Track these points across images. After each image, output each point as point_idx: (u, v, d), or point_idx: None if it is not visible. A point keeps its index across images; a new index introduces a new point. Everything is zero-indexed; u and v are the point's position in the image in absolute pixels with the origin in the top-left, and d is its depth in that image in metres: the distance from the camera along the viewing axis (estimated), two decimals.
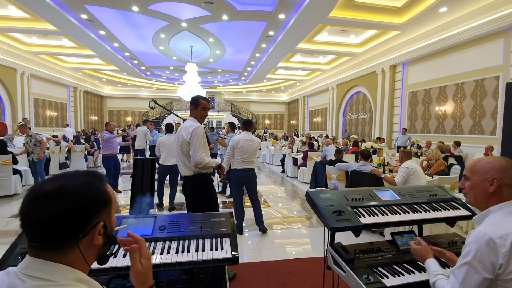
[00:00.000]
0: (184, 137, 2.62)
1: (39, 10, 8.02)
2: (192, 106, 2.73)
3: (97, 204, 0.72)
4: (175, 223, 1.65)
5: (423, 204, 1.94)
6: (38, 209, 0.65)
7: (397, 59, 10.94)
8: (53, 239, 0.66)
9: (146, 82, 20.55)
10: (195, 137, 2.55)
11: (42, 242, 0.66)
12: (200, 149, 2.54)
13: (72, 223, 0.67)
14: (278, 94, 26.00)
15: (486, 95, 7.97)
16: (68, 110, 17.97)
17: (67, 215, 0.66)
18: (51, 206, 0.65)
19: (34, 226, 0.66)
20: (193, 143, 2.55)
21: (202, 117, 2.74)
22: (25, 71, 13.22)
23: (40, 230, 0.66)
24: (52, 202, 0.66)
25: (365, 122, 14.11)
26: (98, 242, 0.73)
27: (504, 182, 1.18)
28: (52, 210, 0.65)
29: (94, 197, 0.72)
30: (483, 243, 1.07)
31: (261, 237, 4.00)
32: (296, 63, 14.35)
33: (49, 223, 0.65)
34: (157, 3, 7.72)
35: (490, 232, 1.08)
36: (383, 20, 8.47)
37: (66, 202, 0.67)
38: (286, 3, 7.42)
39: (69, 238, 0.68)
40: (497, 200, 1.19)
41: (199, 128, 2.58)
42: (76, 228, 0.68)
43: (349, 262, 1.50)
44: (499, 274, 1.06)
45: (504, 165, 1.20)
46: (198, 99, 2.74)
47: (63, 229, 0.66)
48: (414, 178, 3.85)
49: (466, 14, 7.79)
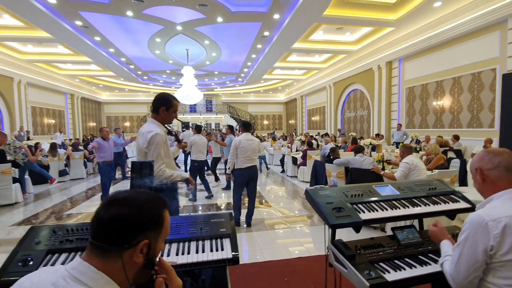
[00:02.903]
0: (140, 144, 2.20)
1: (33, 18, 8.02)
2: (164, 108, 2.25)
3: (149, 222, 0.79)
4: (174, 225, 1.64)
5: (423, 198, 1.94)
6: (105, 210, 0.77)
7: (393, 55, 10.96)
8: (106, 240, 0.74)
9: (143, 87, 20.56)
10: (153, 146, 2.13)
11: (97, 240, 0.75)
12: (158, 161, 2.14)
13: (123, 229, 0.75)
14: (275, 94, 26.01)
15: (483, 88, 7.98)
16: (66, 117, 17.96)
17: (122, 221, 0.75)
18: (114, 209, 0.76)
19: (97, 223, 0.77)
20: (150, 153, 2.14)
21: (171, 120, 2.35)
22: (21, 79, 13.21)
23: (100, 228, 0.76)
24: (116, 206, 0.77)
25: (364, 119, 14.12)
26: (138, 260, 0.77)
27: (486, 168, 1.27)
28: (114, 213, 0.76)
29: (149, 215, 0.79)
30: (477, 224, 1.13)
31: (263, 237, 4.00)
32: (293, 63, 14.36)
33: (107, 223, 0.75)
34: (152, 7, 7.72)
35: (485, 214, 1.14)
36: (377, 16, 8.48)
37: (126, 210, 0.77)
38: (280, 3, 7.44)
39: (116, 244, 0.75)
40: (492, 186, 1.26)
41: (158, 135, 2.15)
42: (125, 236, 0.75)
43: (350, 258, 1.49)
44: (492, 255, 1.10)
45: (480, 155, 1.33)
46: (171, 99, 2.28)
47: (115, 232, 0.75)
48: (415, 173, 3.83)
49: (460, 7, 7.81)
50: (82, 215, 5.33)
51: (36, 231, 1.55)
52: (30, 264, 1.35)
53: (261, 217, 4.88)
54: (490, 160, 1.27)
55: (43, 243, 1.47)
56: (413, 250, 1.64)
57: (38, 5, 7.25)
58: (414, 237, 1.73)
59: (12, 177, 6.09)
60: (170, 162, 2.31)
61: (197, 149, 6.12)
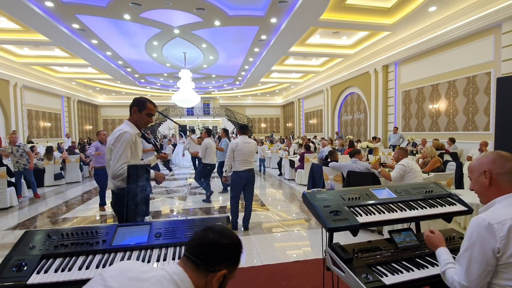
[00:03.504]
0: (108, 143, 2.16)
1: (30, 21, 7.99)
2: (136, 108, 2.23)
3: (233, 258, 0.95)
4: (171, 229, 1.63)
5: (420, 201, 1.95)
6: (205, 233, 0.94)
7: (389, 59, 11.05)
8: (199, 257, 0.89)
9: (140, 90, 20.50)
10: (119, 142, 2.07)
11: (192, 254, 0.90)
12: (122, 158, 2.05)
13: (215, 254, 0.91)
14: (273, 97, 26.08)
15: (478, 91, 8.07)
16: (62, 120, 17.85)
17: (217, 247, 0.92)
18: (213, 235, 0.93)
19: (195, 241, 0.94)
20: (115, 150, 2.07)
21: (145, 123, 2.29)
22: (17, 82, 13.13)
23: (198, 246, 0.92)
24: (215, 234, 0.94)
25: (360, 123, 14.19)
26: (214, 285, 0.90)
27: (495, 172, 1.24)
28: (212, 238, 0.92)
29: (235, 252, 0.96)
30: (482, 228, 1.11)
31: (261, 241, 3.98)
32: (290, 66, 14.42)
33: (205, 244, 0.92)
34: (149, 11, 7.74)
35: (489, 217, 1.13)
36: (373, 21, 8.57)
37: (223, 239, 0.93)
38: (277, 7, 7.49)
39: (206, 264, 0.89)
40: (496, 191, 1.24)
41: (126, 133, 2.10)
42: (214, 260, 0.90)
43: (348, 262, 1.49)
44: (498, 258, 1.09)
45: (491, 157, 1.28)
46: (145, 101, 2.26)
47: (208, 254, 0.91)
48: (411, 175, 3.87)
49: (455, 12, 7.91)
50: (77, 219, 5.28)
51: (30, 236, 1.53)
52: (24, 269, 1.33)
53: (259, 221, 4.87)
54: (502, 164, 1.23)
55: (38, 248, 1.46)
56: (410, 253, 1.64)
57: (35, 8, 7.24)
58: (411, 240, 1.73)
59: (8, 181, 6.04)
60: (135, 162, 2.19)
61: (211, 153, 6.12)
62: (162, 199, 6.61)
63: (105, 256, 1.46)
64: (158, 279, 0.83)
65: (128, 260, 0.94)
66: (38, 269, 1.36)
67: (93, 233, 1.57)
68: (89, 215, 5.48)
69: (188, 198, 6.70)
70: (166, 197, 6.84)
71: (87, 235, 1.55)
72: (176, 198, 6.76)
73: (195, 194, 7.06)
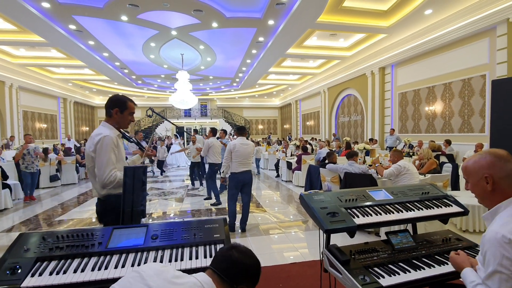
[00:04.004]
0: (87, 149, 1.99)
1: (26, 22, 7.94)
2: (117, 109, 2.05)
3: (253, 278, 1.05)
4: (167, 231, 1.62)
5: (416, 202, 1.95)
6: (231, 251, 1.06)
7: (386, 61, 11.13)
8: (224, 272, 1.00)
9: (138, 91, 20.44)
10: (101, 150, 1.90)
11: (218, 269, 1.00)
12: (108, 165, 1.91)
13: (239, 272, 1.02)
14: (270, 99, 26.12)
15: (473, 93, 8.14)
16: (58, 121, 17.72)
17: (242, 265, 1.03)
18: (238, 254, 1.05)
19: (222, 257, 1.05)
20: (98, 159, 1.91)
21: (128, 123, 2.16)
22: (13, 83, 13.03)
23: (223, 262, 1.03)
24: (240, 253, 1.06)
25: (357, 124, 14.25)
26: None
27: (497, 177, 1.16)
28: (238, 257, 1.04)
29: (257, 273, 1.07)
30: (505, 245, 1.03)
31: (258, 242, 3.97)
32: (287, 68, 14.47)
33: (231, 261, 1.02)
34: (146, 12, 7.73)
35: (505, 231, 1.04)
36: (370, 23, 8.63)
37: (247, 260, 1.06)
38: (274, 9, 7.51)
39: (230, 280, 0.99)
40: (501, 195, 1.16)
41: (107, 138, 1.93)
42: (237, 277, 1.01)
43: (345, 264, 1.49)
44: None
45: (490, 160, 1.19)
46: (126, 101, 2.10)
47: (233, 271, 1.01)
48: (407, 177, 3.89)
49: (450, 15, 7.99)
50: (73, 221, 5.23)
51: (25, 238, 1.52)
52: (18, 272, 1.31)
53: (256, 222, 4.86)
54: (503, 167, 1.16)
55: (32, 251, 1.44)
56: (407, 254, 1.64)
57: (32, 9, 7.20)
58: (408, 242, 1.74)
59: (3, 182, 5.97)
60: (121, 164, 2.08)
61: (215, 152, 6.07)
62: (159, 201, 6.58)
63: (100, 259, 1.45)
64: (191, 286, 0.91)
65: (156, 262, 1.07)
66: (32, 272, 1.34)
67: (89, 235, 1.55)
68: (85, 217, 5.44)
69: (185, 200, 6.68)
70: (163, 198, 6.81)
71: (82, 237, 1.54)
72: (173, 199, 6.73)
73: (192, 196, 7.04)
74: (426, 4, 7.31)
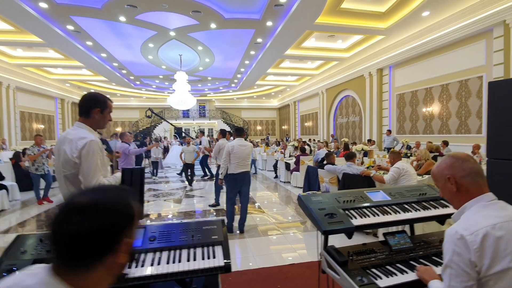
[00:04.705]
0: (67, 154, 1.76)
1: (24, 22, 7.92)
2: (98, 109, 1.87)
3: (127, 220, 0.69)
4: (165, 233, 1.62)
5: (413, 203, 1.96)
6: (72, 223, 0.63)
7: (384, 63, 11.18)
8: (82, 257, 0.63)
9: (136, 92, 20.41)
10: (88, 156, 1.74)
11: (70, 259, 0.64)
12: (96, 172, 1.78)
13: (103, 239, 0.65)
14: (268, 100, 26.15)
15: (470, 95, 8.19)
16: (56, 122, 17.66)
17: (101, 231, 0.64)
18: (87, 220, 0.63)
19: (65, 242, 0.63)
20: (85, 165, 1.75)
21: (106, 123, 2.02)
22: (10, 84, 12.98)
23: (71, 246, 0.63)
24: (88, 216, 0.64)
25: (355, 125, 14.29)
26: (123, 260, 0.69)
27: (458, 176, 1.20)
28: (87, 225, 0.63)
29: (125, 213, 0.69)
30: (456, 241, 1.06)
31: (256, 243, 3.97)
32: (285, 69, 14.50)
33: (82, 239, 0.62)
34: (145, 13, 7.72)
35: (461, 229, 1.07)
36: (368, 25, 8.67)
37: (102, 217, 0.65)
38: (273, 11, 7.53)
39: (98, 256, 0.65)
40: (466, 195, 1.20)
41: (93, 143, 1.78)
42: (106, 245, 0.65)
43: (343, 265, 1.49)
44: (478, 271, 1.03)
45: (449, 161, 1.24)
46: (105, 99, 1.93)
47: (94, 246, 0.64)
48: (406, 178, 3.90)
49: (447, 17, 8.04)
50: None
51: (22, 240, 1.51)
52: None
53: (254, 223, 4.85)
54: (461, 166, 1.20)
55: (29, 252, 1.43)
56: (405, 255, 1.64)
57: (29, 10, 7.17)
58: (406, 243, 1.74)
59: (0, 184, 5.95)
60: (106, 172, 1.96)
61: None
62: (157, 202, 6.56)
63: None
64: None
65: None
66: None
67: None
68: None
69: (183, 201, 6.66)
70: (161, 200, 6.79)
71: None
72: (171, 201, 6.71)
73: (190, 197, 7.02)
74: (424, 6, 7.36)
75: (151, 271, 1.40)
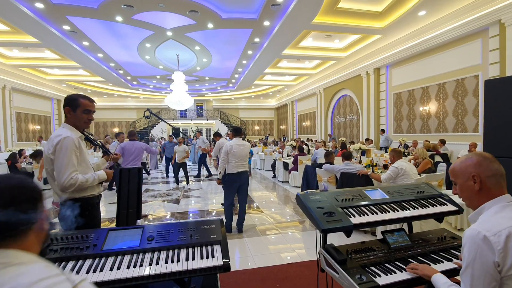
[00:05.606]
0: (45, 151, 1.91)
1: (19, 23, 7.86)
2: (68, 108, 1.98)
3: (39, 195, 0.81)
4: (163, 232, 1.61)
5: (411, 201, 1.97)
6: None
7: (381, 62, 11.22)
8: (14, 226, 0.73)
9: (133, 92, 20.33)
10: (60, 152, 1.83)
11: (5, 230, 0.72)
12: (68, 167, 1.83)
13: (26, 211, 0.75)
14: (266, 99, 26.16)
15: (467, 93, 8.24)
16: (52, 123, 17.55)
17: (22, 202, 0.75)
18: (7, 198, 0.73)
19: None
20: (57, 161, 1.83)
21: (85, 122, 2.05)
22: (6, 84, 12.88)
23: None
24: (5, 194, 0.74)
25: (353, 124, 14.32)
26: (46, 226, 0.81)
27: (484, 175, 1.19)
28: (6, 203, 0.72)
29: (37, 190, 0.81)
30: (479, 241, 1.05)
31: (255, 243, 3.97)
32: (283, 69, 14.51)
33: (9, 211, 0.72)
34: (142, 13, 7.69)
35: (484, 229, 1.07)
36: (365, 24, 8.69)
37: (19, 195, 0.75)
38: (270, 10, 7.53)
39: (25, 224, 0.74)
40: (487, 195, 1.19)
41: (67, 139, 1.86)
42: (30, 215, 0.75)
43: (342, 263, 1.49)
44: (500, 271, 1.03)
45: (476, 159, 1.22)
46: (76, 98, 2.01)
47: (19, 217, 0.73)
48: (404, 178, 3.90)
49: (444, 16, 8.08)
50: None
51: None
52: None
53: (253, 223, 4.85)
54: (489, 166, 1.19)
55: None
56: (403, 253, 1.65)
57: (25, 10, 7.12)
58: (404, 241, 1.75)
59: None
60: (86, 170, 2.01)
61: None
62: (155, 202, 6.54)
63: (95, 261, 1.43)
64: None
65: None
66: None
67: (84, 237, 1.54)
68: None
69: (181, 201, 6.65)
70: (159, 200, 6.77)
71: (77, 239, 1.52)
72: (169, 201, 6.69)
73: (188, 197, 7.01)
74: (420, 5, 7.39)
75: (149, 271, 1.39)
